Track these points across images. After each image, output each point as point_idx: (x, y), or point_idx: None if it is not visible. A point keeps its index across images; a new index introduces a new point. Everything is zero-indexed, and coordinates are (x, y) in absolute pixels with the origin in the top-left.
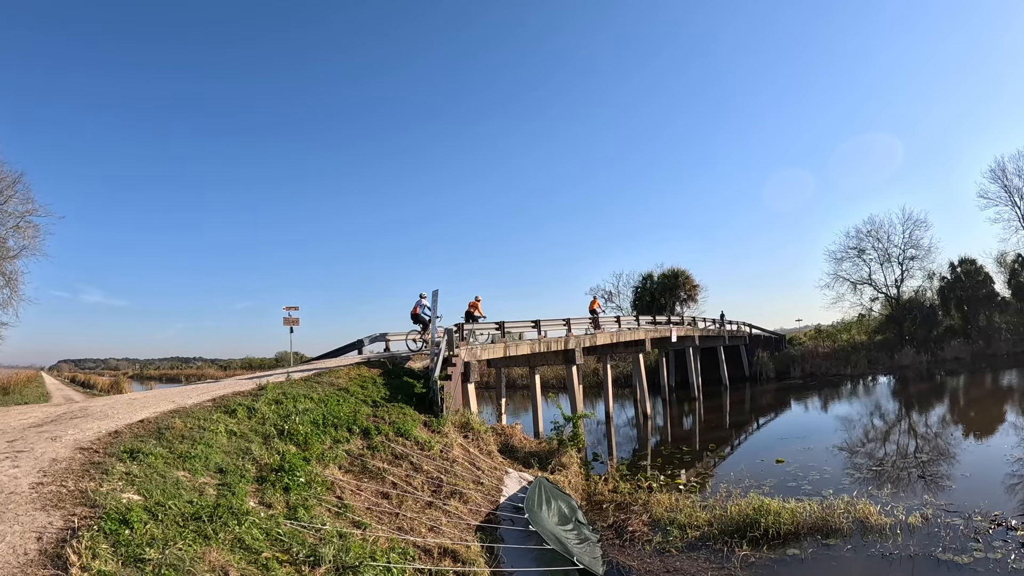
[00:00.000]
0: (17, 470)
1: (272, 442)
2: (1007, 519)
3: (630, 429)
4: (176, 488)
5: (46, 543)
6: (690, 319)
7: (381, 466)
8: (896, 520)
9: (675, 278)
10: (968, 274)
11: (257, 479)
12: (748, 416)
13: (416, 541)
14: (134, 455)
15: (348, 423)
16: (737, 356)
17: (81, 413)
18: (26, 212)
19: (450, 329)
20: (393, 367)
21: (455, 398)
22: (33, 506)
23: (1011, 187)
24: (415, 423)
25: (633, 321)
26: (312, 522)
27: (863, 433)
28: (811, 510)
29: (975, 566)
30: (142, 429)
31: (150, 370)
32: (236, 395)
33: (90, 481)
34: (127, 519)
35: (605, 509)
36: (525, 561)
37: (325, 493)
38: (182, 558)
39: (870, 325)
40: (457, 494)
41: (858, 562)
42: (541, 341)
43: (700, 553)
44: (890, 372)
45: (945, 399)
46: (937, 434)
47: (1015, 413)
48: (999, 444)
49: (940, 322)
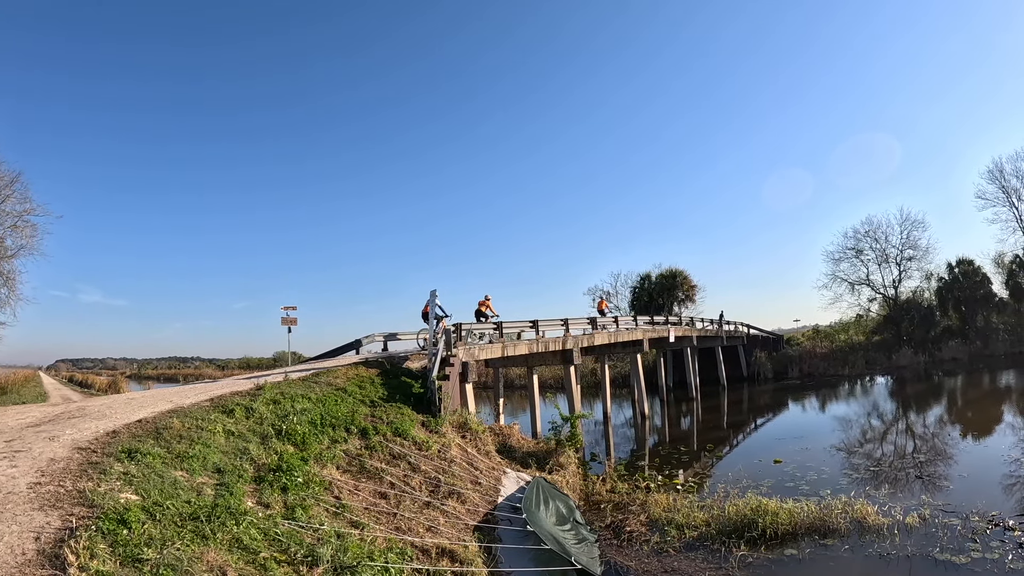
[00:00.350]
0: (15, 470)
1: (270, 442)
2: (1004, 519)
3: (628, 429)
4: (174, 488)
5: (44, 543)
6: (688, 319)
7: (379, 466)
8: (894, 520)
9: (673, 278)
10: (966, 275)
11: (255, 479)
12: (746, 416)
13: (414, 541)
14: (132, 455)
15: (346, 423)
16: (735, 356)
17: (79, 413)
18: (24, 211)
19: (448, 329)
20: (391, 367)
21: (453, 398)
22: (31, 506)
23: (1009, 188)
24: (413, 423)
25: (631, 321)
26: (310, 522)
27: (861, 433)
28: (809, 510)
29: (973, 566)
30: (140, 429)
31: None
32: (234, 395)
33: (88, 481)
34: (125, 519)
35: (603, 509)
36: (523, 561)
37: (323, 493)
38: (180, 558)
39: (868, 326)
40: (455, 494)
41: (856, 562)
42: (539, 341)
43: (698, 553)
44: (888, 372)
45: (943, 399)
46: (935, 434)
47: (1013, 413)
48: (997, 444)
49: (938, 323)
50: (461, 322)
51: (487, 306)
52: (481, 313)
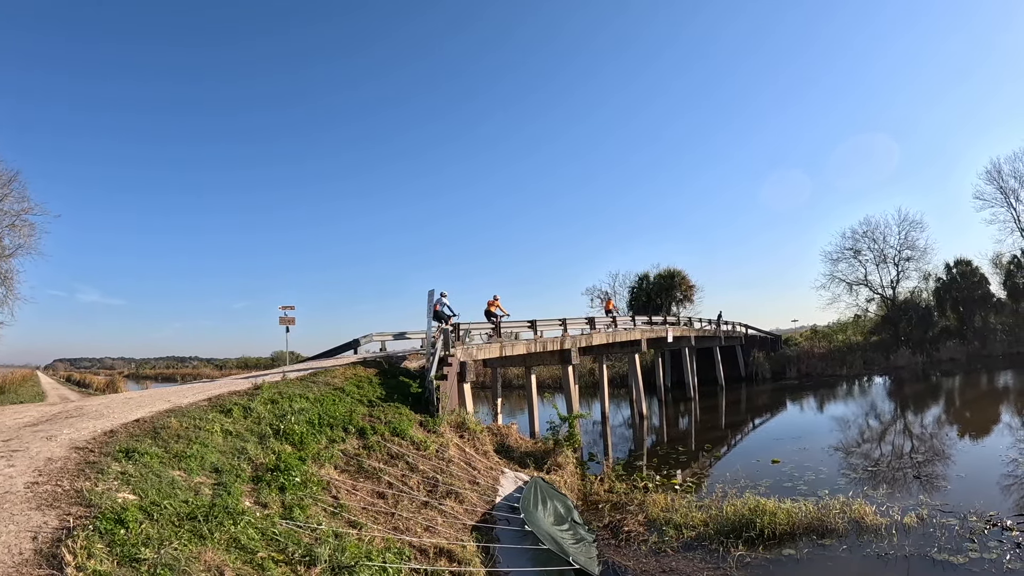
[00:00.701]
0: (12, 469)
1: (268, 442)
2: (1003, 519)
3: (626, 429)
4: (172, 488)
5: (41, 543)
6: (686, 319)
7: (377, 466)
8: (892, 520)
9: (671, 278)
10: (964, 275)
11: (253, 479)
12: (744, 416)
13: (412, 541)
14: (130, 454)
15: (344, 423)
16: (733, 356)
17: (77, 412)
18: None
19: (446, 329)
20: (389, 367)
21: (451, 398)
22: (28, 505)
23: (1007, 188)
24: (411, 423)
25: (629, 321)
26: (308, 522)
27: (859, 434)
28: (807, 510)
29: (971, 566)
30: (138, 428)
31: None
32: (232, 394)
33: (85, 481)
34: (122, 519)
35: (601, 509)
36: (521, 561)
37: (321, 493)
38: (177, 558)
39: (866, 326)
40: (453, 494)
41: (854, 562)
42: (537, 341)
43: (696, 553)
44: (886, 373)
45: (941, 400)
46: (933, 435)
47: (1010, 414)
48: (994, 445)
49: (936, 323)
50: (459, 322)
51: (496, 305)
52: (490, 313)
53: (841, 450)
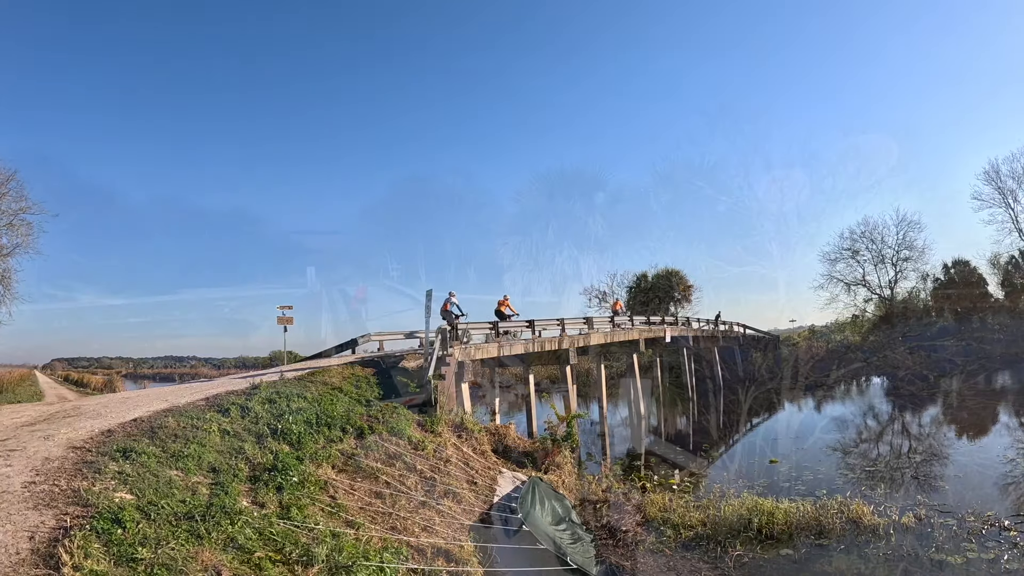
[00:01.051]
0: (9, 469)
1: (265, 441)
2: (1000, 519)
3: (624, 429)
4: (169, 487)
5: (38, 542)
6: (684, 319)
7: (375, 465)
8: (889, 520)
9: (669, 278)
10: (962, 275)
11: (250, 478)
12: (742, 416)
13: (409, 541)
14: (127, 454)
15: (342, 422)
16: (731, 356)
17: (74, 412)
18: (19, 210)
19: (444, 329)
20: (387, 366)
21: (449, 398)
22: (25, 505)
23: (1005, 189)
24: (409, 423)
25: (627, 321)
26: (305, 521)
27: (856, 434)
28: (804, 510)
29: (968, 566)
30: (135, 428)
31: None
32: (229, 394)
33: (83, 480)
34: (119, 518)
35: (599, 509)
36: (519, 561)
37: (318, 492)
38: (175, 557)
39: (864, 326)
40: (451, 494)
41: (851, 562)
42: (535, 341)
43: (694, 553)
44: (883, 373)
45: (938, 400)
46: (930, 435)
47: (1008, 414)
48: (992, 445)
49: (933, 323)
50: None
51: (506, 305)
52: (500, 313)
53: (839, 450)
